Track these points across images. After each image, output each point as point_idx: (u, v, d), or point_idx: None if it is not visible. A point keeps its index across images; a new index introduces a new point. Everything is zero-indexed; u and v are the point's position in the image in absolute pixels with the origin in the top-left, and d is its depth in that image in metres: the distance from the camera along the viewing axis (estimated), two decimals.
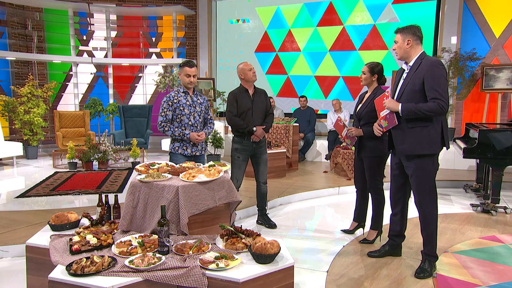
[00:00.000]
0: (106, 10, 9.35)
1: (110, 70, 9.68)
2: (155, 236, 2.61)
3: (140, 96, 10.12)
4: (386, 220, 3.45)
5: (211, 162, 3.31)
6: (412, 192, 2.95)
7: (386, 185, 3.48)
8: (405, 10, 7.10)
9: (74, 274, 2.13)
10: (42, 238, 2.67)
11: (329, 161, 6.93)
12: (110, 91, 9.74)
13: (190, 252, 2.42)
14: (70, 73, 9.64)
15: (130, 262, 2.24)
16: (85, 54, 9.76)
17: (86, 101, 9.31)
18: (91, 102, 8.85)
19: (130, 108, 8.88)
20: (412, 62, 2.85)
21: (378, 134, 3.03)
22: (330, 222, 4.40)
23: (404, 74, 2.92)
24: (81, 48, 9.73)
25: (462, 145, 4.71)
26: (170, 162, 3.46)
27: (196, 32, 9.65)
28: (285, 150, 6.45)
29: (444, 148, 2.87)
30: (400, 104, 2.79)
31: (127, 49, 9.92)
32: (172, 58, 9.67)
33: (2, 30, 8.80)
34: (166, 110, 3.48)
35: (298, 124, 7.22)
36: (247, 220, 4.40)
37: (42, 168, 7.07)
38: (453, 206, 4.91)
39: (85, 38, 9.81)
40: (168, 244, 2.42)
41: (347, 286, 2.78)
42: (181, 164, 3.23)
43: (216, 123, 7.66)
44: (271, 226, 4.10)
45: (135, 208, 2.81)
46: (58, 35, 9.57)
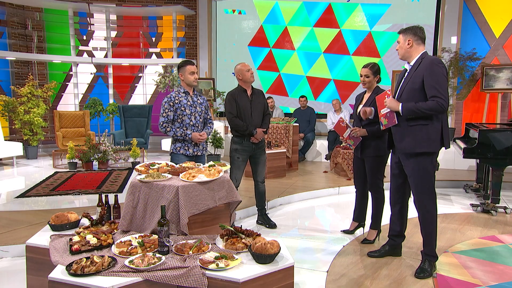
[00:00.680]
0: (106, 10, 9.35)
1: (110, 70, 9.68)
2: (155, 236, 2.61)
3: (140, 96, 10.12)
4: (386, 220, 3.45)
5: (211, 162, 3.31)
6: (411, 191, 2.95)
7: (386, 185, 3.49)
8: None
9: (74, 274, 2.13)
10: (42, 238, 2.67)
11: (329, 161, 6.93)
12: (110, 91, 9.75)
13: (190, 252, 2.42)
14: (70, 73, 9.64)
15: (130, 262, 2.24)
16: (85, 54, 9.76)
17: (86, 101, 9.31)
18: (91, 102, 8.85)
19: (130, 108, 8.88)
20: (413, 62, 2.87)
21: (363, 116, 3.30)
22: (330, 222, 4.40)
23: (406, 74, 2.93)
24: (81, 48, 9.73)
25: (462, 145, 4.71)
26: (172, 162, 3.47)
27: (196, 32, 9.65)
28: (285, 150, 6.45)
29: (443, 147, 2.86)
30: (400, 104, 2.80)
31: (127, 49, 9.92)
32: (172, 58, 9.67)
33: (2, 30, 8.80)
34: (167, 110, 3.48)
35: (298, 124, 7.23)
36: (247, 220, 4.40)
37: (42, 168, 7.07)
38: (453, 206, 4.91)
39: (85, 38, 9.81)
40: (168, 244, 2.42)
41: (347, 286, 2.78)
42: (181, 164, 3.24)
43: (216, 123, 7.66)
44: (271, 226, 4.10)
45: (135, 208, 2.81)
46: (58, 35, 9.57)
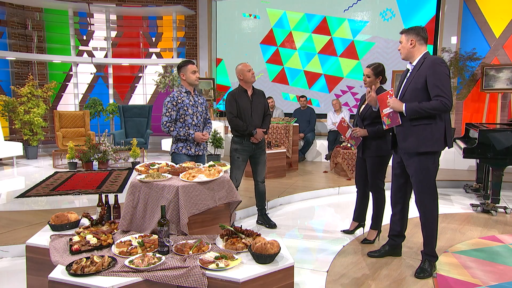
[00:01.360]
0: (106, 10, 9.35)
1: (110, 70, 9.68)
2: (155, 236, 2.61)
3: (140, 96, 10.12)
4: (386, 220, 3.45)
5: (211, 162, 3.31)
6: (413, 191, 2.95)
7: (386, 185, 3.49)
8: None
9: (74, 274, 2.13)
10: (42, 238, 2.67)
11: (329, 161, 6.93)
12: (110, 91, 9.74)
13: (190, 252, 2.42)
14: (70, 73, 9.64)
15: (130, 262, 2.24)
16: (85, 54, 9.76)
17: (86, 101, 9.31)
18: (91, 102, 8.85)
19: (130, 108, 8.88)
20: (415, 62, 2.86)
21: (369, 99, 3.24)
22: (330, 222, 4.40)
23: (408, 74, 2.93)
24: (81, 48, 9.73)
25: (462, 145, 4.71)
26: (173, 162, 3.47)
27: (196, 32, 9.66)
28: (285, 150, 6.45)
29: (445, 147, 2.86)
30: (404, 104, 2.79)
31: (127, 49, 9.92)
32: (172, 58, 9.67)
33: (2, 30, 8.80)
34: (170, 110, 3.48)
35: (298, 124, 7.23)
36: (247, 220, 4.40)
37: (42, 168, 7.07)
38: (453, 206, 4.91)
39: (85, 38, 9.81)
40: (168, 244, 2.42)
41: (347, 286, 2.78)
42: (181, 164, 3.24)
43: (216, 123, 7.66)
44: (271, 226, 4.10)
45: (135, 208, 2.81)
46: (58, 35, 9.57)
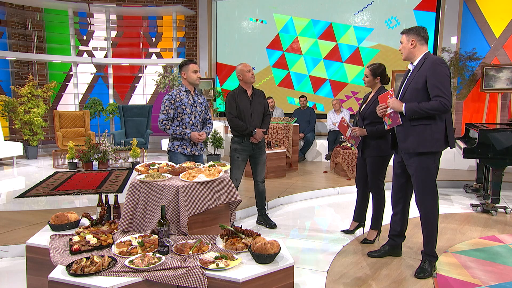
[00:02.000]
0: (106, 10, 9.35)
1: (110, 70, 9.68)
2: (155, 236, 2.61)
3: (140, 96, 10.12)
4: (386, 220, 3.45)
5: (211, 162, 3.30)
6: (413, 191, 2.95)
7: (387, 185, 3.49)
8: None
9: (74, 274, 2.13)
10: (42, 238, 2.67)
11: (329, 161, 6.93)
12: (110, 91, 9.74)
13: (190, 252, 2.42)
14: (70, 73, 9.64)
15: (130, 262, 2.24)
16: (85, 54, 9.76)
17: (86, 101, 9.31)
18: (91, 102, 8.85)
19: (130, 108, 8.88)
20: (416, 62, 2.86)
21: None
22: (330, 222, 4.40)
23: (409, 74, 2.92)
24: (81, 48, 9.73)
25: (462, 145, 4.71)
26: (169, 160, 3.46)
27: (196, 32, 9.66)
28: (285, 150, 6.45)
29: (447, 147, 2.84)
30: (403, 104, 2.79)
31: (127, 49, 9.92)
32: (172, 58, 9.67)
33: (2, 30, 8.80)
34: (168, 108, 3.47)
35: (298, 124, 7.23)
36: (247, 220, 4.40)
37: (42, 168, 7.07)
38: (453, 206, 4.91)
39: (85, 38, 9.81)
40: (168, 244, 2.42)
41: (347, 286, 2.78)
42: (181, 164, 3.24)
43: (216, 123, 7.67)
44: (271, 226, 4.10)
45: (135, 208, 2.81)
46: (58, 35, 9.57)
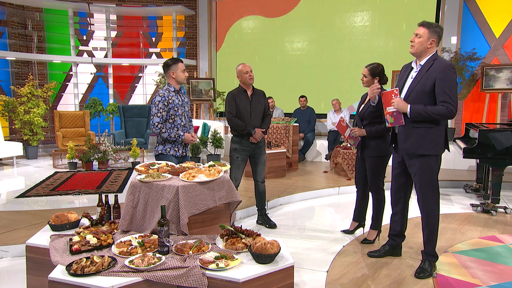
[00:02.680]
0: (106, 10, 9.35)
1: (110, 70, 9.68)
2: (155, 236, 2.61)
3: (140, 96, 10.12)
4: (386, 220, 3.45)
5: (211, 162, 3.30)
6: (415, 190, 2.95)
7: (386, 185, 3.48)
8: None
9: (74, 274, 2.13)
10: (42, 238, 2.67)
11: (329, 161, 6.93)
12: (110, 91, 9.74)
13: (190, 252, 2.42)
14: (70, 73, 9.64)
15: (130, 262, 2.24)
16: (85, 54, 9.75)
17: (86, 101, 9.31)
18: (91, 102, 8.85)
19: (130, 108, 8.88)
20: (423, 61, 2.81)
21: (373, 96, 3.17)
22: (330, 222, 4.40)
23: (413, 73, 2.87)
24: (81, 48, 9.72)
25: (462, 145, 4.71)
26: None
27: (196, 32, 9.66)
28: (285, 150, 6.45)
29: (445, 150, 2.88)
30: (409, 105, 2.76)
31: (127, 49, 9.92)
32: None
33: (2, 30, 8.80)
34: (161, 110, 3.34)
35: (298, 124, 7.23)
36: (247, 220, 4.40)
37: (42, 168, 7.07)
38: (453, 206, 4.91)
39: (85, 38, 9.80)
40: (168, 244, 2.42)
41: (347, 286, 2.78)
42: (181, 164, 3.23)
43: (216, 123, 7.67)
44: (271, 226, 4.10)
45: (135, 208, 2.81)
46: (58, 35, 9.57)
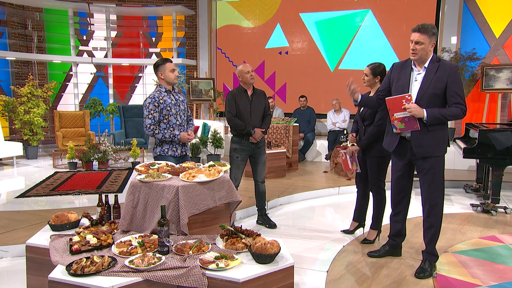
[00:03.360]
0: (106, 10, 9.35)
1: (110, 70, 9.68)
2: (155, 236, 2.61)
3: (140, 96, 10.11)
4: (386, 220, 3.45)
5: (211, 162, 3.30)
6: (420, 190, 2.98)
7: (387, 185, 3.48)
8: None
9: (74, 274, 2.13)
10: (42, 238, 2.67)
11: (329, 161, 6.93)
12: (110, 91, 9.74)
13: (190, 252, 2.42)
14: (70, 73, 9.63)
15: (130, 262, 2.24)
16: (85, 54, 9.75)
17: (86, 101, 9.30)
18: (91, 102, 8.85)
19: (130, 108, 8.87)
20: (427, 64, 2.79)
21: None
22: (330, 222, 4.40)
23: (416, 76, 2.83)
24: (81, 48, 9.72)
25: (462, 145, 4.71)
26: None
27: (196, 32, 9.65)
28: (285, 150, 6.45)
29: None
30: (425, 110, 2.73)
31: (127, 49, 9.91)
32: (172, 58, 9.66)
33: (2, 30, 8.80)
34: (153, 112, 3.32)
35: (298, 124, 7.23)
36: (247, 220, 4.40)
37: (42, 168, 7.07)
38: (453, 206, 4.91)
39: (85, 38, 9.80)
40: (168, 244, 2.42)
41: (347, 286, 2.78)
42: (181, 164, 3.23)
43: (216, 123, 7.67)
44: (271, 226, 4.10)
45: (135, 208, 2.81)
46: (58, 35, 9.56)
